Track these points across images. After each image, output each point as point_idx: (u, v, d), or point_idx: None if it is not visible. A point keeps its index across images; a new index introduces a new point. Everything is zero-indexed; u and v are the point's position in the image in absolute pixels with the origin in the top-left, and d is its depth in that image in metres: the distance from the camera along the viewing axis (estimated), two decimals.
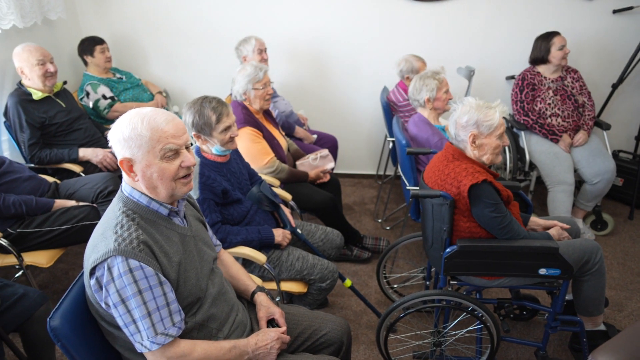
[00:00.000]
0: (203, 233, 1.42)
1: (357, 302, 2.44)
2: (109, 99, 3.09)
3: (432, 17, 3.29)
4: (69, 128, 2.70)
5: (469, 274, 1.80)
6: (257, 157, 2.37)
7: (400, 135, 2.36)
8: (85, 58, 3.13)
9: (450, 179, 1.69)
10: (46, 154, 2.58)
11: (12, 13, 2.63)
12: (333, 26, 3.36)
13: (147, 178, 1.20)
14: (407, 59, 3.02)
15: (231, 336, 1.35)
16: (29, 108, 2.53)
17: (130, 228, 1.15)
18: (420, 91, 2.48)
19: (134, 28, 3.47)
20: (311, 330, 1.52)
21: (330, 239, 2.17)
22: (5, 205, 2.04)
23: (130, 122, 1.17)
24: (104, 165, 2.69)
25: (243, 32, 3.17)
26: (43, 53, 2.55)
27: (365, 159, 3.83)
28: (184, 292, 1.23)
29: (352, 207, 3.43)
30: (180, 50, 3.53)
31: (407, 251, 2.87)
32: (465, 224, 1.71)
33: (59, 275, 2.69)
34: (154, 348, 1.14)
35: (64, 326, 1.16)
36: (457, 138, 1.76)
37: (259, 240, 1.87)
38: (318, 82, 3.57)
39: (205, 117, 1.77)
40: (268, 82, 2.45)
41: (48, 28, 3.11)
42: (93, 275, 1.12)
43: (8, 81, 2.76)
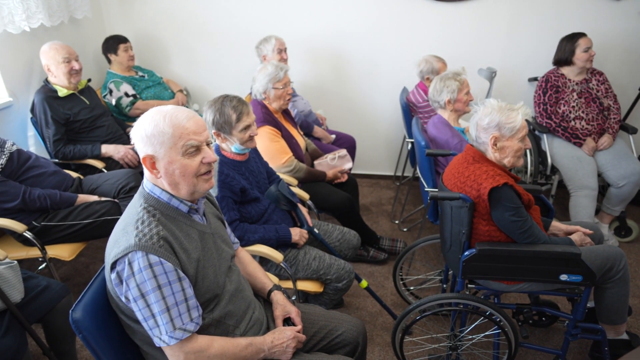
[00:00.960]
0: (222, 230, 1.44)
1: (373, 303, 2.44)
2: (131, 96, 3.14)
3: (454, 17, 3.25)
4: (92, 125, 2.75)
5: (487, 278, 1.78)
6: (275, 156, 2.39)
7: (420, 137, 2.34)
8: (109, 56, 3.19)
9: (470, 181, 1.67)
10: (70, 150, 2.64)
11: (40, 12, 2.69)
12: (353, 26, 3.36)
13: (170, 175, 1.21)
14: (428, 60, 3.00)
15: (247, 333, 1.36)
16: (55, 105, 2.59)
17: (151, 224, 1.17)
18: (440, 92, 2.45)
19: (156, 27, 3.53)
20: (327, 330, 1.52)
21: (347, 239, 2.17)
22: (30, 198, 2.09)
23: (152, 119, 1.19)
24: (125, 161, 2.74)
25: (263, 32, 3.19)
26: (69, 51, 2.61)
27: (383, 159, 3.82)
28: (202, 289, 1.24)
29: (369, 208, 3.42)
30: (201, 49, 3.57)
31: (424, 253, 2.84)
32: (484, 227, 1.69)
33: (80, 268, 2.75)
34: (172, 342, 1.16)
35: (85, 318, 1.18)
36: (478, 140, 1.74)
37: (276, 239, 1.88)
38: (337, 82, 3.57)
39: (225, 115, 1.78)
40: (288, 82, 2.46)
41: (74, 27, 3.18)
42: (114, 269, 1.14)
43: (35, 78, 2.83)
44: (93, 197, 2.32)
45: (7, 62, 2.62)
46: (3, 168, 2.09)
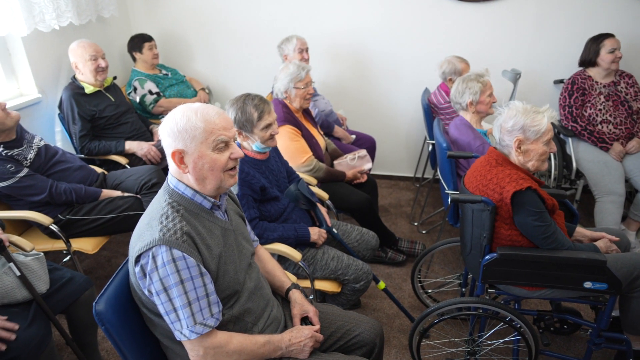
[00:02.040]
0: (242, 228, 1.45)
1: (390, 305, 2.42)
2: (154, 94, 3.19)
3: (478, 17, 3.21)
4: (117, 121, 2.81)
5: (508, 283, 1.75)
6: (295, 155, 2.39)
7: (441, 138, 2.32)
8: (134, 54, 3.25)
9: (493, 184, 1.64)
10: (95, 146, 2.70)
11: (70, 11, 2.76)
12: (376, 26, 3.34)
13: (198, 169, 1.23)
14: (450, 61, 2.97)
15: (265, 331, 1.37)
16: (81, 101, 2.65)
17: (175, 219, 1.19)
18: (462, 94, 2.43)
19: (180, 26, 3.58)
20: (344, 330, 1.52)
21: (365, 240, 2.16)
22: (57, 192, 2.15)
23: (183, 114, 1.21)
24: (148, 158, 2.78)
25: (285, 31, 3.20)
26: (96, 49, 2.67)
27: (403, 160, 3.79)
28: (222, 285, 1.26)
29: (388, 209, 3.40)
30: (224, 48, 3.61)
31: (443, 256, 2.82)
32: (506, 232, 1.66)
33: (103, 262, 2.81)
34: (193, 337, 1.17)
35: (108, 311, 1.21)
36: (502, 143, 1.71)
37: (295, 238, 1.88)
38: (358, 82, 3.56)
39: (247, 114, 1.80)
40: (309, 82, 2.47)
41: (101, 25, 3.25)
42: (138, 263, 1.16)
43: (63, 75, 2.90)
44: (116, 192, 2.36)
45: (37, 59, 2.69)
46: (31, 162, 2.15)
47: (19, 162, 2.09)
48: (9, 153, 2.07)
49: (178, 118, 1.21)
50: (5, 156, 2.05)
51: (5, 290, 1.62)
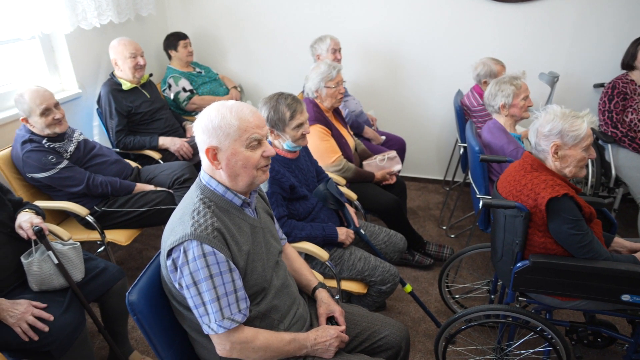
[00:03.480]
0: (271, 226, 1.46)
1: (416, 309, 2.39)
2: (188, 91, 3.26)
3: (515, 18, 3.13)
4: (152, 117, 2.88)
5: (540, 292, 1.70)
6: (324, 155, 2.40)
7: (474, 141, 2.28)
8: (170, 52, 3.32)
9: (527, 190, 1.60)
10: (130, 140, 2.77)
11: (110, 10, 2.85)
12: (408, 27, 3.31)
13: (231, 166, 1.25)
14: (485, 62, 2.91)
15: (291, 329, 1.37)
16: (119, 97, 2.73)
17: (206, 215, 1.21)
18: (495, 96, 2.37)
19: (215, 24, 3.64)
20: (370, 332, 1.51)
21: (393, 242, 2.14)
22: (94, 184, 2.23)
23: (218, 112, 1.24)
24: (181, 153, 2.84)
25: (318, 31, 3.21)
26: (135, 47, 2.74)
27: (433, 163, 3.74)
28: (250, 281, 1.27)
29: (416, 212, 3.36)
30: (256, 47, 3.65)
31: (471, 262, 2.76)
32: (540, 239, 1.61)
33: (134, 253, 2.89)
34: (220, 331, 1.19)
35: (140, 301, 1.24)
36: (537, 147, 1.66)
37: (322, 237, 1.88)
38: (390, 83, 3.53)
39: (279, 112, 1.81)
40: (340, 81, 2.46)
41: (139, 23, 3.34)
42: (170, 256, 1.19)
43: (102, 72, 3.00)
44: (149, 186, 2.43)
45: (78, 56, 2.79)
46: (71, 155, 2.23)
47: (59, 154, 2.18)
48: (51, 145, 2.16)
49: (213, 115, 1.23)
50: (48, 148, 2.14)
51: (44, 277, 1.69)
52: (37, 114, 2.10)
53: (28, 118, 2.12)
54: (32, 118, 2.12)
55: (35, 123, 2.13)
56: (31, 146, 2.11)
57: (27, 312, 1.54)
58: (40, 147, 2.13)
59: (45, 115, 2.12)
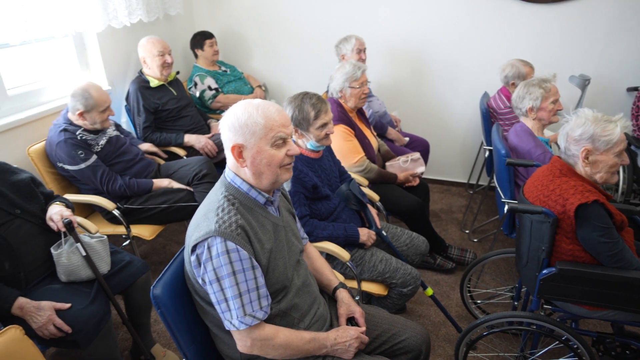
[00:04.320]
0: (293, 224, 1.47)
1: (437, 313, 2.37)
2: (213, 90, 3.30)
3: (546, 19, 3.06)
4: (178, 115, 2.93)
5: (566, 300, 1.66)
6: (347, 155, 2.39)
7: (500, 145, 2.23)
8: (196, 51, 3.37)
9: (555, 195, 1.56)
10: (157, 137, 2.83)
11: (140, 9, 2.91)
12: (435, 27, 3.27)
13: (256, 164, 1.26)
14: (514, 64, 2.85)
15: (311, 328, 1.38)
16: (147, 94, 2.79)
17: (230, 212, 1.22)
18: (523, 99, 2.32)
19: (241, 24, 3.68)
20: (390, 334, 1.50)
21: (415, 245, 2.12)
22: (112, 188, 2.28)
23: (245, 110, 1.25)
24: (205, 151, 2.88)
25: (343, 31, 3.20)
26: (164, 45, 2.80)
27: (457, 166, 3.69)
28: (271, 279, 1.28)
29: (439, 215, 3.32)
30: (281, 46, 3.67)
31: (495, 267, 2.71)
32: (567, 246, 1.57)
33: (158, 248, 2.94)
34: (242, 327, 1.20)
35: (164, 295, 1.26)
36: (567, 152, 1.62)
37: (344, 238, 1.88)
38: (414, 84, 3.50)
39: (304, 112, 1.82)
40: (365, 82, 2.45)
41: (167, 22, 3.40)
42: (194, 252, 1.21)
43: (131, 69, 3.07)
44: (165, 181, 2.46)
45: (108, 54, 2.86)
46: (102, 148, 2.29)
47: (90, 146, 2.24)
48: (83, 137, 2.22)
49: (239, 113, 1.25)
50: (80, 140, 2.20)
51: (72, 268, 1.74)
52: (99, 110, 2.21)
53: (87, 112, 2.20)
54: (92, 113, 2.20)
55: (92, 118, 2.22)
56: (65, 136, 2.17)
57: (49, 322, 1.57)
58: (73, 138, 2.18)
59: (104, 112, 2.23)
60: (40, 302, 1.60)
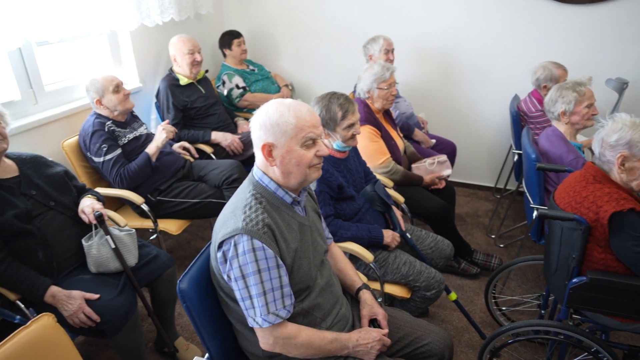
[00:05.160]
0: (318, 224, 1.47)
1: (460, 318, 2.33)
2: (241, 88, 3.33)
3: (581, 20, 2.96)
4: (206, 112, 2.97)
5: (597, 311, 1.61)
6: (373, 156, 2.38)
7: (530, 149, 2.18)
8: (224, 50, 3.41)
9: (588, 202, 1.51)
10: (185, 134, 2.88)
11: (172, 8, 2.97)
12: (465, 28, 3.22)
13: (285, 163, 1.27)
14: (546, 66, 2.78)
15: (333, 328, 1.38)
16: (176, 92, 2.84)
17: (258, 210, 1.23)
18: (555, 102, 2.26)
19: (270, 23, 3.70)
20: (412, 338, 1.48)
21: (439, 248, 2.10)
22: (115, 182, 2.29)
23: (277, 109, 1.26)
24: (232, 148, 2.92)
25: (371, 31, 3.19)
26: (194, 44, 2.84)
27: (484, 169, 3.62)
28: (295, 279, 1.28)
29: (464, 219, 3.27)
30: (309, 46, 3.67)
31: (521, 273, 2.65)
32: (599, 255, 1.52)
33: (183, 243, 2.99)
34: (265, 325, 1.21)
35: (190, 290, 1.29)
36: (602, 158, 1.57)
37: (368, 239, 1.87)
38: (442, 85, 3.45)
39: (331, 112, 1.82)
40: (393, 83, 2.44)
41: (197, 21, 3.45)
42: (220, 248, 1.23)
43: (162, 67, 3.13)
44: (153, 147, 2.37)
45: (140, 52, 2.93)
46: (129, 141, 2.35)
47: (116, 138, 2.29)
48: (111, 128, 2.29)
49: (271, 112, 1.25)
50: (108, 130, 2.26)
51: (102, 260, 1.79)
52: (110, 91, 2.27)
53: (102, 98, 2.28)
54: (106, 97, 2.28)
55: (108, 102, 2.29)
56: (94, 127, 2.25)
57: (79, 311, 1.62)
58: (101, 130, 2.24)
59: (117, 92, 2.29)
60: (71, 291, 1.65)
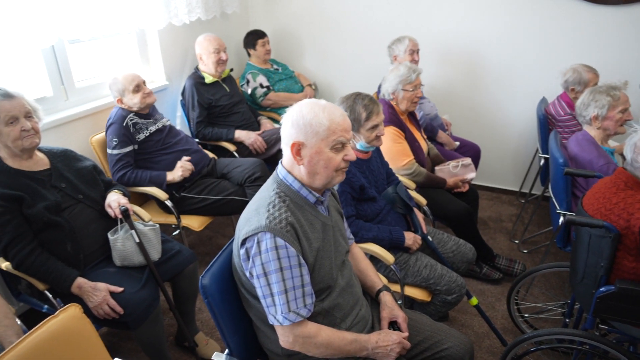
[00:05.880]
0: (341, 224, 1.47)
1: (480, 323, 2.29)
2: (265, 87, 3.35)
3: (614, 22, 2.87)
4: (230, 111, 3.00)
5: (626, 322, 1.56)
6: (396, 157, 2.36)
7: (558, 153, 2.13)
8: (248, 50, 3.44)
9: (619, 209, 1.47)
10: (209, 132, 2.91)
11: (199, 7, 3.01)
12: (492, 28, 3.16)
13: (313, 164, 1.27)
14: (576, 69, 2.71)
15: (352, 328, 1.37)
16: (201, 90, 2.88)
17: (281, 209, 1.24)
18: (587, 106, 2.20)
19: (294, 23, 3.72)
20: (432, 342, 1.47)
21: (461, 252, 2.07)
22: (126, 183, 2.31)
23: (311, 109, 1.26)
24: (254, 147, 2.94)
25: (395, 32, 3.16)
26: (219, 43, 2.88)
27: (509, 173, 3.55)
28: (316, 278, 1.29)
29: (487, 223, 3.22)
30: (333, 46, 3.67)
31: (545, 280, 2.59)
32: (630, 264, 1.48)
33: (204, 239, 3.03)
34: (286, 323, 1.22)
35: (212, 286, 1.30)
36: (634, 164, 1.52)
37: (389, 240, 1.86)
38: (468, 86, 3.40)
39: (356, 112, 1.81)
40: (419, 85, 2.42)
41: (223, 20, 3.49)
42: (243, 245, 1.24)
43: (188, 65, 3.18)
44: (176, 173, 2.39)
45: (167, 50, 2.98)
46: (151, 134, 2.39)
47: (136, 132, 2.33)
48: (133, 120, 2.34)
49: (305, 111, 1.25)
50: (126, 125, 2.30)
51: (126, 253, 1.82)
52: (130, 90, 2.32)
53: (122, 97, 2.33)
54: (126, 96, 2.33)
55: (129, 101, 2.34)
56: (114, 119, 2.30)
57: (104, 302, 1.66)
58: (119, 123, 2.29)
59: (136, 91, 2.33)
60: (97, 283, 1.69)
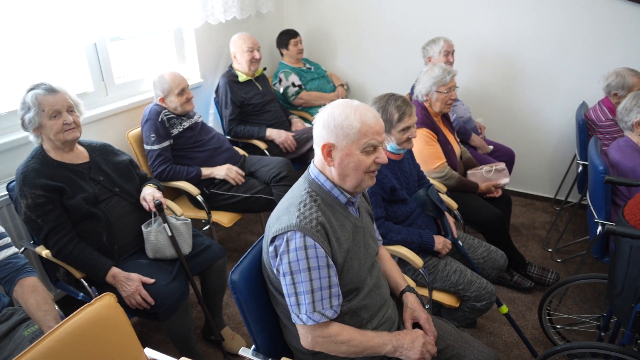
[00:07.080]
0: (371, 226, 1.46)
1: (510, 332, 2.24)
2: (297, 87, 3.37)
3: None
4: (262, 109, 3.04)
5: None
6: (428, 160, 2.33)
7: (597, 160, 2.05)
8: (281, 49, 3.46)
9: None
10: (241, 129, 2.95)
11: (235, 6, 3.06)
12: (530, 31, 3.07)
13: (343, 166, 1.27)
14: (620, 73, 2.60)
15: (379, 329, 1.36)
16: (234, 88, 2.92)
17: (312, 208, 1.24)
18: (630, 112, 2.12)
19: (328, 22, 3.72)
20: (454, 352, 1.43)
21: (492, 259, 2.02)
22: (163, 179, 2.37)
23: (343, 111, 1.25)
24: (285, 146, 2.96)
25: (430, 32, 3.12)
26: (253, 42, 2.91)
27: (544, 179, 3.45)
28: (344, 279, 1.28)
29: (519, 229, 3.13)
30: (366, 46, 3.66)
31: (579, 291, 2.51)
32: None
33: (233, 235, 3.07)
34: (309, 323, 1.22)
35: (241, 281, 1.32)
36: None
37: (418, 244, 1.84)
38: (503, 89, 3.32)
39: (388, 113, 1.80)
40: (453, 87, 2.38)
41: (258, 20, 3.53)
42: (273, 242, 1.25)
43: (222, 64, 3.23)
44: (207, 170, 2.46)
45: (203, 48, 3.04)
46: (184, 130, 2.43)
47: (170, 127, 2.38)
48: (168, 115, 2.39)
49: (337, 113, 1.25)
50: (161, 120, 2.35)
51: (159, 246, 1.87)
52: (175, 93, 2.37)
53: (165, 97, 2.39)
54: (170, 97, 2.38)
55: (171, 102, 2.39)
56: (149, 116, 2.35)
57: (137, 292, 1.71)
58: (154, 119, 2.34)
59: (180, 95, 2.38)
60: (130, 273, 1.75)
